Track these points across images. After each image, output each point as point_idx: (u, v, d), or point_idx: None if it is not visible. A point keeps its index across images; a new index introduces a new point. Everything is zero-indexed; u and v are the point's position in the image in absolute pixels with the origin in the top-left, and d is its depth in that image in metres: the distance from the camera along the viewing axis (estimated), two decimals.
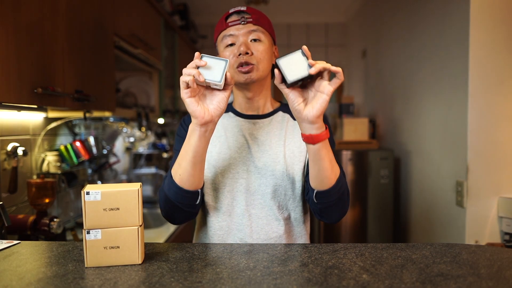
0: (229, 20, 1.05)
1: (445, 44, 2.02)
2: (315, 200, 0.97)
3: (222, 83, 0.85)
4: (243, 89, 1.07)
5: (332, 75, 0.84)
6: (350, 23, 4.15)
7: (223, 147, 1.07)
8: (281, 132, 1.09)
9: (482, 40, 1.75)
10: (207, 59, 0.86)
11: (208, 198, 1.06)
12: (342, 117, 3.18)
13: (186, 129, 1.08)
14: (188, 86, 0.84)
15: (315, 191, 0.95)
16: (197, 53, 0.85)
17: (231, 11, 1.07)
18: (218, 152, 1.07)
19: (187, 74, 0.84)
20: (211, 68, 0.86)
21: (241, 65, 1.01)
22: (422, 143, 2.36)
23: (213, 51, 1.09)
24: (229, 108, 1.15)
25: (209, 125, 0.89)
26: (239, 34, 1.03)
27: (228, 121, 1.11)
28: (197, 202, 0.98)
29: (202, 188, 0.99)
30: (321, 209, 0.98)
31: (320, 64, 0.81)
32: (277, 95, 4.28)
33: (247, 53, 1.01)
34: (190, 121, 1.09)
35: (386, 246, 0.92)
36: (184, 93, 0.86)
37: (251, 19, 1.04)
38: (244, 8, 1.06)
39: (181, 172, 0.92)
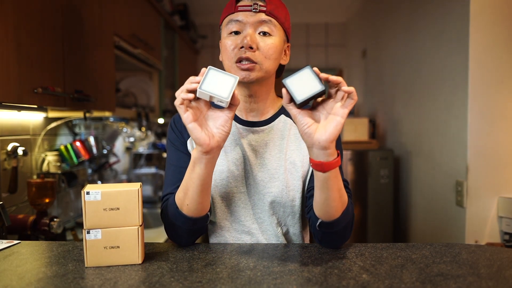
0: (240, 3, 0.93)
1: (445, 44, 2.02)
2: (317, 228, 0.89)
3: (229, 100, 0.78)
4: (242, 86, 0.97)
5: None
6: (350, 23, 4.15)
7: (220, 158, 0.99)
8: (282, 143, 1.00)
9: (482, 40, 1.75)
10: (215, 73, 0.79)
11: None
12: None
13: (177, 134, 1.01)
14: (187, 109, 0.77)
15: (318, 221, 0.87)
16: (203, 69, 0.78)
17: None
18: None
19: (183, 90, 0.76)
20: (219, 83, 0.78)
21: (240, 60, 0.91)
22: (422, 143, 2.36)
23: (214, 51, 1.07)
24: None
25: (215, 151, 0.81)
26: (247, 23, 0.91)
27: None
28: (208, 222, 0.93)
29: (210, 208, 0.93)
30: (322, 236, 0.90)
31: (336, 77, 0.75)
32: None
33: (251, 48, 0.90)
34: (180, 124, 1.02)
35: (386, 246, 0.92)
36: (185, 117, 0.77)
37: (264, 8, 0.91)
38: None
39: (189, 202, 0.86)
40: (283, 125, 1.02)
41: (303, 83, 0.76)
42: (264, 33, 0.92)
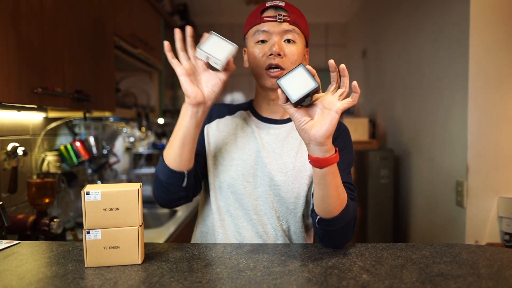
0: (265, 14, 0.99)
1: (445, 44, 2.02)
2: (317, 225, 0.90)
3: (223, 63, 0.85)
4: (268, 91, 1.03)
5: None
6: (350, 23, 4.15)
7: (233, 146, 1.04)
8: (295, 142, 1.03)
9: (482, 40, 1.75)
10: (216, 38, 0.85)
11: (211, 195, 1.04)
12: (342, 117, 3.18)
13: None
14: (180, 64, 0.86)
15: (317, 217, 0.89)
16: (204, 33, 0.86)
17: (268, 4, 1.00)
18: (227, 151, 1.04)
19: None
20: (218, 47, 0.84)
21: (270, 67, 0.97)
22: (422, 143, 2.36)
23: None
24: (249, 106, 1.11)
25: (200, 106, 0.89)
26: (273, 32, 0.98)
27: (245, 121, 1.07)
28: (183, 184, 0.95)
29: (190, 171, 0.95)
30: (323, 234, 0.91)
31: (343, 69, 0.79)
32: None
33: (279, 55, 0.96)
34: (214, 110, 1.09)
35: (386, 246, 0.92)
36: (179, 70, 0.86)
37: (288, 18, 0.98)
38: (282, 4, 1.00)
39: (171, 151, 0.92)
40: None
41: (297, 81, 0.78)
42: (289, 41, 0.99)
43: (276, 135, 1.04)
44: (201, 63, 0.89)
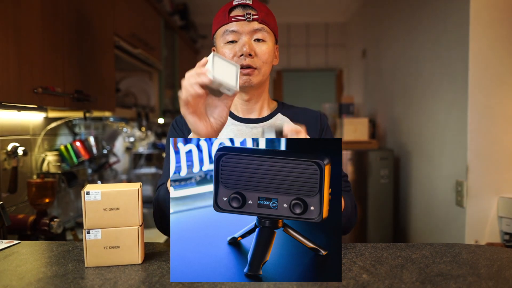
0: (233, 14, 0.97)
1: (445, 44, 2.02)
2: None
3: (237, 88, 0.77)
4: (241, 91, 1.02)
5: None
6: (350, 23, 4.15)
7: None
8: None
9: (482, 40, 1.75)
10: (220, 60, 0.77)
11: None
12: (342, 117, 3.18)
13: (179, 132, 1.04)
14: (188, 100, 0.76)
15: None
16: (204, 59, 0.78)
17: (235, 2, 0.98)
18: None
19: (194, 84, 0.75)
20: (225, 70, 0.77)
21: (241, 67, 0.95)
22: (422, 143, 2.36)
23: None
24: None
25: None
26: (242, 32, 0.97)
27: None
28: None
29: None
30: None
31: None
32: (276, 95, 4.28)
33: (250, 55, 0.95)
34: (182, 124, 1.05)
35: (386, 246, 0.92)
36: (184, 109, 0.77)
37: (257, 17, 0.97)
38: (249, 2, 0.98)
39: None
40: (280, 123, 1.05)
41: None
42: (259, 40, 0.98)
43: (259, 134, 1.04)
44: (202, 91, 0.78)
